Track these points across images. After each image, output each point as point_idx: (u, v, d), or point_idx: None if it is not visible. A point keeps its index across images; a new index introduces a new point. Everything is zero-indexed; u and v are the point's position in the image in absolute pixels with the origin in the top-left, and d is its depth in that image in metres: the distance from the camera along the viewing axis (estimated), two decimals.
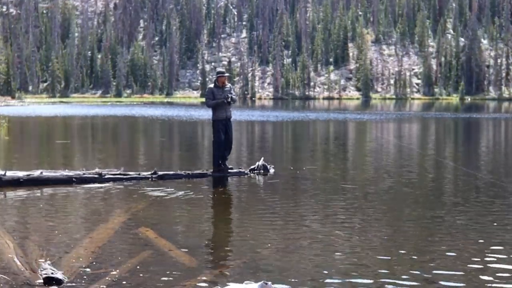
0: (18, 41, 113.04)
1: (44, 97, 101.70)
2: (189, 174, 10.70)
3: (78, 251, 5.85)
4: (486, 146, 19.03)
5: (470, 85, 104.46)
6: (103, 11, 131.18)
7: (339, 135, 23.53)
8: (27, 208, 8.14)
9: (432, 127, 29.15)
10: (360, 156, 15.59)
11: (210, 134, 12.59)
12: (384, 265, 5.44)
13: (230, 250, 6.10)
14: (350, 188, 9.78)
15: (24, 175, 9.79)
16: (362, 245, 6.12)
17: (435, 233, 6.63)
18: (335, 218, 7.47)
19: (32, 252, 5.79)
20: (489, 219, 7.36)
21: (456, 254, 5.78)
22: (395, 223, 7.14)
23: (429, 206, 8.19)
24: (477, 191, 9.61)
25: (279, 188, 10.01)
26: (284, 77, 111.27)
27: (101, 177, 10.09)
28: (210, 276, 5.15)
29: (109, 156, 15.16)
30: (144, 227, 6.85)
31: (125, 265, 5.41)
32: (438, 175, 11.62)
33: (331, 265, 5.44)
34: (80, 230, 6.81)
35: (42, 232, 6.70)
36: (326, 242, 6.26)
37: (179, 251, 5.87)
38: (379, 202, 8.49)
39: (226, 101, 10.79)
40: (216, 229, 7.21)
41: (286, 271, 5.27)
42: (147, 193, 9.16)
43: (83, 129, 27.50)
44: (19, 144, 19.13)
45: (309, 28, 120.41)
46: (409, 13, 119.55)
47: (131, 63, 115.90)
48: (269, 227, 7.00)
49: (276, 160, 13.08)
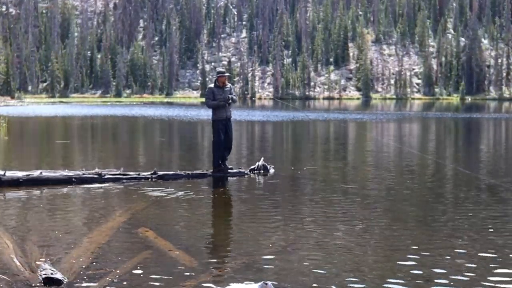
0: (18, 41, 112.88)
1: (44, 97, 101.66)
2: (189, 174, 10.66)
3: (78, 252, 5.84)
4: (487, 146, 18.99)
5: (470, 85, 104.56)
6: (103, 11, 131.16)
7: (339, 135, 23.48)
8: (26, 208, 8.12)
9: (432, 127, 29.09)
10: (360, 157, 15.55)
11: (210, 134, 12.57)
12: (384, 266, 5.44)
13: (230, 251, 6.09)
14: (350, 189, 9.73)
15: (24, 175, 9.77)
16: (362, 246, 6.10)
17: (435, 234, 6.61)
18: (335, 219, 7.45)
19: (31, 253, 5.78)
20: (490, 220, 7.32)
21: (457, 255, 5.76)
22: (395, 224, 7.11)
23: (429, 207, 8.15)
24: (477, 192, 9.55)
25: (279, 188, 9.98)
26: (284, 77, 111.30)
27: (101, 177, 10.06)
28: (210, 276, 5.14)
29: (109, 156, 15.12)
30: (144, 227, 6.85)
31: (125, 265, 5.40)
32: (439, 176, 11.56)
33: (331, 266, 5.43)
34: (79, 231, 6.80)
35: (42, 232, 6.69)
36: (326, 242, 6.25)
37: (179, 252, 5.85)
38: (379, 203, 8.46)
39: (227, 103, 10.77)
40: (216, 229, 7.21)
41: (286, 271, 5.26)
42: (147, 193, 9.13)
43: (83, 129, 27.44)
44: (18, 144, 19.12)
45: (309, 28, 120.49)
46: (409, 13, 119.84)
47: (131, 63, 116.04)
48: (269, 227, 6.99)
49: (276, 160, 13.05)
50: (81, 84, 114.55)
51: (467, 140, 21.45)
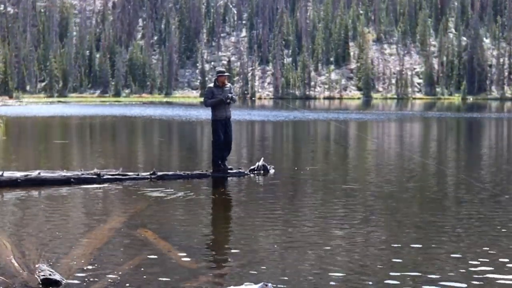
0: (16, 40, 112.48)
1: (42, 97, 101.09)
2: (188, 174, 10.70)
3: (76, 253, 5.84)
4: (489, 147, 18.82)
5: (472, 84, 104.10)
6: (102, 10, 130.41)
7: (340, 135, 23.41)
8: (24, 209, 8.13)
9: (434, 127, 29.19)
10: (361, 157, 15.51)
11: (209, 134, 12.56)
12: (385, 267, 5.43)
13: (230, 252, 6.08)
14: (351, 190, 9.67)
15: (22, 175, 9.78)
16: (363, 247, 6.11)
17: (436, 236, 6.58)
18: (336, 220, 7.42)
19: (30, 254, 5.78)
20: (491, 223, 7.25)
21: (458, 257, 5.76)
22: (396, 226, 7.10)
23: (430, 208, 8.18)
24: (478, 195, 9.29)
25: (279, 189, 10.00)
26: (284, 76, 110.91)
27: (100, 178, 10.08)
28: (210, 277, 5.14)
29: (108, 157, 15.14)
30: (143, 228, 6.88)
31: (124, 266, 5.41)
32: (440, 178, 11.50)
33: (332, 267, 5.42)
34: (78, 231, 6.81)
35: (40, 233, 6.69)
36: (326, 244, 6.23)
37: (179, 253, 5.86)
38: (380, 204, 8.45)
39: (226, 101, 10.74)
40: (216, 230, 7.23)
41: (287, 272, 5.26)
42: (146, 193, 9.13)
43: (82, 129, 27.48)
44: (16, 144, 19.21)
45: (309, 27, 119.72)
46: (410, 12, 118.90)
47: (129, 62, 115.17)
48: (269, 228, 6.98)
49: (276, 161, 13.05)
50: (79, 84, 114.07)
51: (468, 140, 21.60)
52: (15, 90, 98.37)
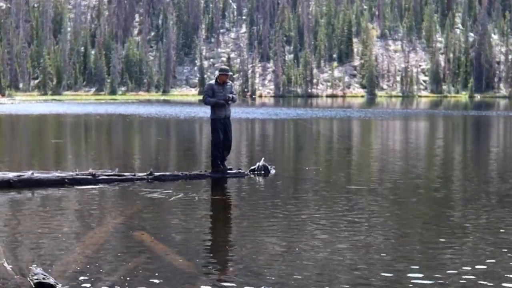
0: (8, 37, 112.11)
1: (36, 95, 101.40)
2: (186, 175, 10.69)
3: (71, 256, 5.83)
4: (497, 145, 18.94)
5: (479, 82, 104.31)
6: (97, 5, 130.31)
7: (342, 134, 23.12)
8: (17, 211, 8.14)
9: (439, 126, 29.28)
10: (364, 157, 15.39)
11: (208, 133, 12.63)
12: (388, 268, 5.42)
13: (229, 255, 6.05)
14: (353, 190, 9.64)
15: (15, 176, 9.73)
16: (365, 249, 6.06)
17: (440, 235, 6.58)
18: (337, 221, 7.39)
19: (22, 257, 5.77)
20: (497, 220, 7.31)
21: (462, 256, 5.78)
22: (399, 226, 7.15)
23: (434, 208, 8.21)
24: (485, 192, 9.49)
25: (280, 190, 10.01)
26: (285, 74, 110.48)
27: (95, 178, 10.06)
28: (208, 281, 5.14)
29: (103, 156, 15.19)
30: (140, 230, 6.87)
31: (120, 270, 5.39)
32: (444, 177, 11.45)
33: (334, 270, 5.41)
34: (73, 234, 6.77)
35: (33, 236, 6.66)
36: (328, 246, 6.22)
37: (176, 255, 5.86)
38: (383, 205, 8.46)
39: (227, 102, 10.77)
40: (214, 232, 7.21)
41: (287, 276, 5.24)
42: (142, 195, 9.12)
43: (76, 128, 27.47)
44: (9, 144, 19.19)
45: (311, 22, 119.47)
46: (416, 7, 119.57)
47: (126, 59, 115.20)
48: (269, 230, 6.98)
49: (277, 161, 13.06)
50: (74, 82, 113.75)
51: (475, 139, 21.83)
52: (7, 88, 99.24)
